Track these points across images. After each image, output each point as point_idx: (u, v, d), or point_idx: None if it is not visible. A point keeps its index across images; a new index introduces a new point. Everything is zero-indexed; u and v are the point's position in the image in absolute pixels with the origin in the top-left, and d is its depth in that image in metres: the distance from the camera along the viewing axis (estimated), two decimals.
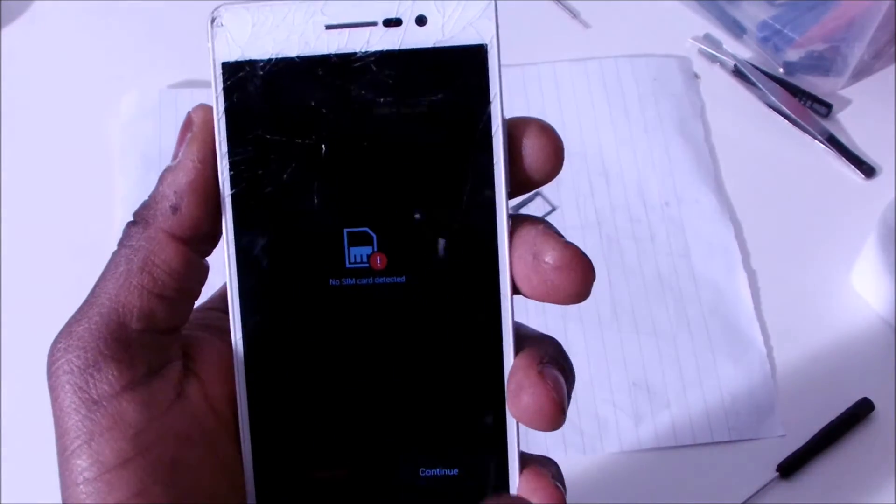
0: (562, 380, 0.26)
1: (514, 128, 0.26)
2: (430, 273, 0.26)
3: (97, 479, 0.24)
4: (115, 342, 0.25)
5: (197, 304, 0.28)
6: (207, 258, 0.28)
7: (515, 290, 0.27)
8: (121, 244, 0.27)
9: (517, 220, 0.27)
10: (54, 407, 0.25)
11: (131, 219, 0.27)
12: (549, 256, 0.25)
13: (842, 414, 0.55)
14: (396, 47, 0.26)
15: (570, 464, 0.54)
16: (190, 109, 0.27)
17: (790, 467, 0.54)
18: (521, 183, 0.27)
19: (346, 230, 0.26)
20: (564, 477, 0.28)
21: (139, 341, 0.26)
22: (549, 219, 0.29)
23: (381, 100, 0.26)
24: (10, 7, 0.72)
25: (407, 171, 0.26)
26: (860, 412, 0.55)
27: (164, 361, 0.26)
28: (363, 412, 0.27)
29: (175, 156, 0.27)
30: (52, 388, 0.25)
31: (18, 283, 0.59)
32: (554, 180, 0.27)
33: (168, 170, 0.27)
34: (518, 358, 0.26)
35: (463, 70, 0.25)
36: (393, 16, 0.25)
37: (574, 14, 0.74)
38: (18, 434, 0.54)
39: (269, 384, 0.27)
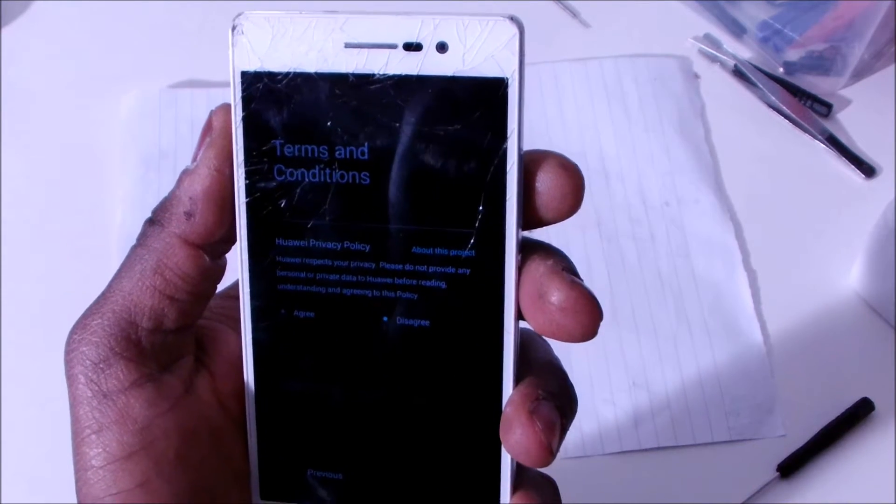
0: (555, 418, 0.26)
1: (532, 162, 0.26)
2: (433, 300, 0.26)
3: (103, 468, 0.26)
4: (125, 340, 0.26)
5: (219, 287, 0.29)
6: (226, 254, 0.28)
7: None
8: (138, 242, 0.27)
9: (529, 252, 0.26)
10: (70, 394, 0.27)
11: (150, 216, 0.27)
12: (555, 297, 0.25)
13: (842, 414, 0.55)
14: (415, 73, 0.25)
15: (571, 464, 0.54)
16: (212, 109, 0.27)
17: (790, 467, 0.54)
18: (535, 220, 0.26)
19: (351, 247, 0.27)
20: (565, 477, 0.28)
21: (149, 340, 0.27)
22: None
23: (396, 124, 0.25)
24: (10, 7, 0.72)
25: (416, 198, 0.26)
26: (860, 412, 0.55)
27: (175, 358, 0.27)
28: (364, 420, 0.28)
29: (194, 157, 0.27)
30: (68, 377, 0.27)
31: (18, 282, 0.59)
32: None
33: (186, 173, 0.27)
34: (515, 390, 0.26)
35: (481, 102, 0.25)
36: (413, 40, 0.25)
37: (574, 14, 0.74)
38: (18, 434, 0.54)
39: (277, 387, 0.28)
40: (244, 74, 0.26)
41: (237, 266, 0.27)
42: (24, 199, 0.63)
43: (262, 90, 0.26)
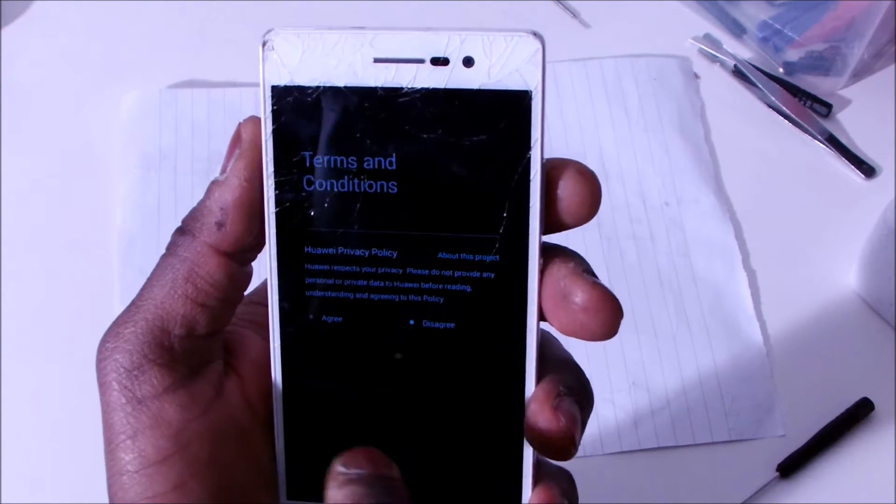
0: (576, 412, 0.27)
1: (553, 169, 0.27)
2: (459, 303, 0.27)
3: (139, 472, 0.26)
4: (158, 347, 0.27)
5: (245, 292, 0.29)
6: (253, 262, 0.29)
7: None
8: (168, 251, 0.28)
9: (550, 255, 0.27)
10: (102, 401, 0.27)
11: (179, 225, 0.28)
12: (578, 297, 0.26)
13: (842, 414, 0.55)
14: (442, 86, 0.26)
15: (570, 464, 0.54)
16: (241, 120, 0.27)
17: (790, 467, 0.54)
18: (555, 225, 0.27)
19: (379, 253, 0.27)
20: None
21: (181, 346, 0.27)
22: None
23: (424, 136, 0.26)
24: (10, 7, 0.72)
25: (443, 206, 0.27)
26: (860, 412, 0.55)
27: (206, 362, 0.28)
28: (389, 420, 0.28)
29: (223, 169, 0.28)
30: (101, 384, 0.27)
31: (18, 282, 0.59)
32: None
33: (215, 183, 0.28)
34: (538, 388, 0.27)
35: (506, 114, 0.26)
36: (441, 55, 0.26)
37: (574, 14, 0.74)
38: (18, 434, 0.54)
39: (303, 389, 0.29)
40: (274, 88, 0.26)
41: (267, 273, 0.28)
42: (24, 198, 0.63)
43: (291, 104, 0.26)
